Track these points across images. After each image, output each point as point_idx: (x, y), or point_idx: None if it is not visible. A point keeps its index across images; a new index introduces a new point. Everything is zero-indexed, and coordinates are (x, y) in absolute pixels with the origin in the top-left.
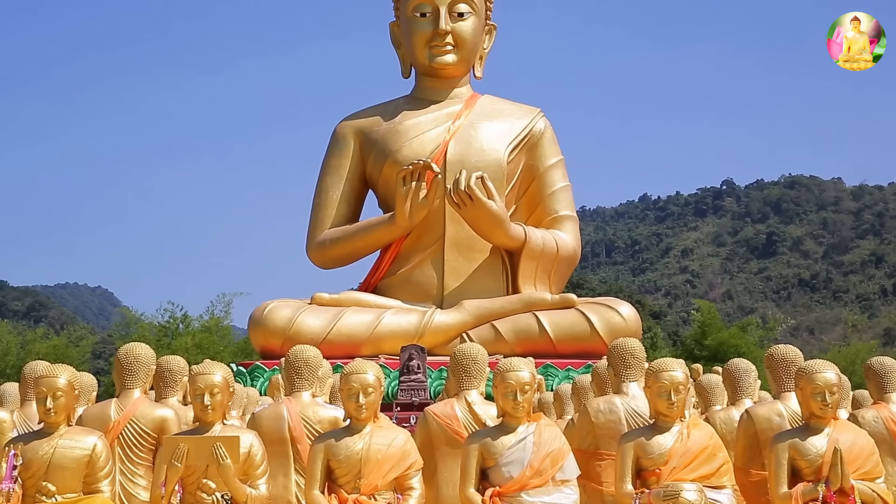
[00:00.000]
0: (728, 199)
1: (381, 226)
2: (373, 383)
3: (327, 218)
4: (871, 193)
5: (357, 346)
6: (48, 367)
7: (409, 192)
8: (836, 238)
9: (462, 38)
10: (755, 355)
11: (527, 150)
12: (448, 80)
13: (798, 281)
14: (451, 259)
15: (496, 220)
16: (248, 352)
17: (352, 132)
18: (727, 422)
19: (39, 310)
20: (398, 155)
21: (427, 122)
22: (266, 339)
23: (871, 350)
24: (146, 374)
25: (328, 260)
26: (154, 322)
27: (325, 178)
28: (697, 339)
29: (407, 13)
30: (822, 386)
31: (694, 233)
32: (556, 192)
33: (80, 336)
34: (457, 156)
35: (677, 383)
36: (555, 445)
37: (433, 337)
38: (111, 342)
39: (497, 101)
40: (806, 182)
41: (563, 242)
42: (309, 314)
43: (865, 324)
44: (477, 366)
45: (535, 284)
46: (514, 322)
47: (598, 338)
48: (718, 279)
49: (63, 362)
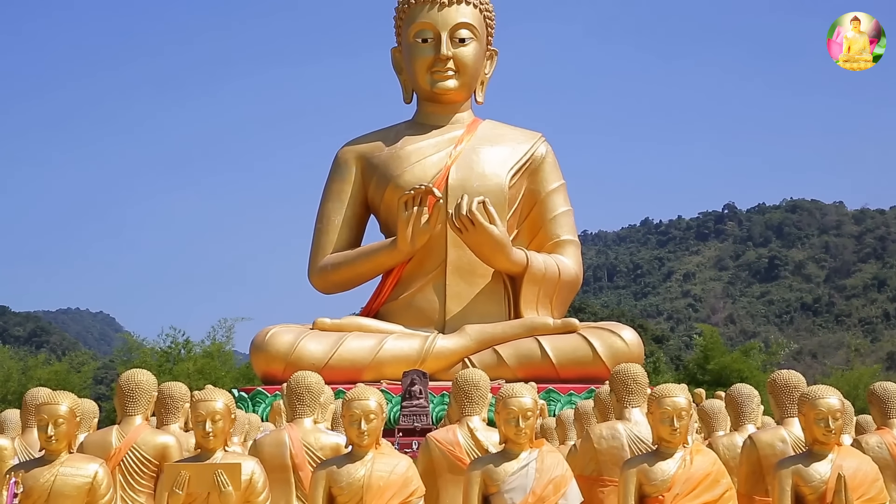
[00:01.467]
0: (730, 222)
1: (382, 251)
2: (374, 410)
3: (329, 243)
4: (873, 217)
5: (359, 371)
6: (49, 394)
7: (410, 216)
8: (839, 262)
9: (463, 63)
10: (758, 380)
11: (528, 175)
12: (449, 105)
13: (800, 305)
14: (452, 284)
15: (498, 245)
16: (250, 377)
17: (353, 157)
18: (730, 447)
19: (41, 335)
20: (400, 180)
21: (429, 147)
22: (268, 365)
23: (874, 374)
24: (148, 400)
25: (330, 285)
26: (156, 347)
27: (326, 203)
28: (700, 364)
29: (408, 39)
30: (825, 412)
31: (696, 257)
32: (557, 217)
33: (82, 362)
34: (458, 181)
35: (680, 409)
36: (557, 472)
37: (435, 362)
38: (113, 368)
39: (498, 126)
40: (808, 206)
41: (564, 267)
42: (311, 339)
43: (868, 348)
44: (479, 392)
45: (538, 309)
46: (516, 347)
47: (601, 363)
48: (721, 303)
49: (64, 388)
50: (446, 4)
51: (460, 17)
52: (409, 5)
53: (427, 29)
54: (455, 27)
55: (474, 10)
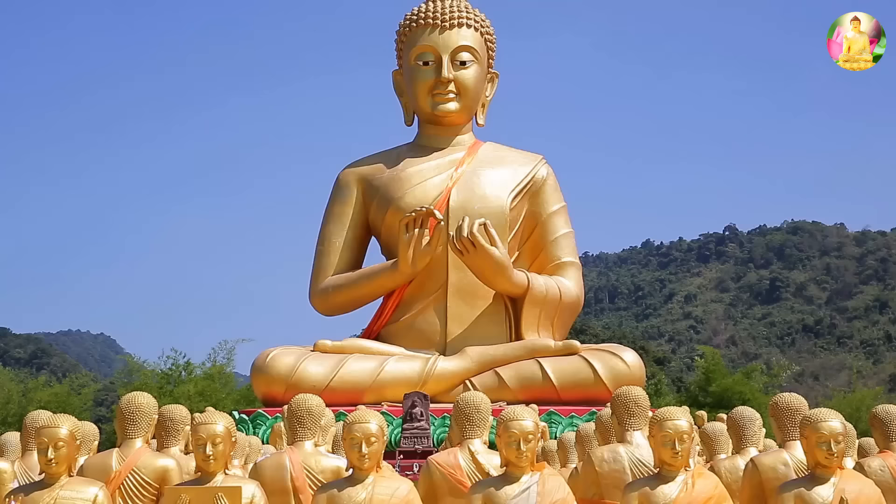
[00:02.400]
0: (731, 244)
1: (384, 273)
2: (375, 433)
3: (330, 265)
4: (875, 239)
5: (360, 393)
6: (50, 417)
7: (411, 238)
8: (840, 284)
9: (464, 86)
10: (760, 402)
11: (529, 197)
12: (450, 127)
13: (802, 327)
14: (453, 306)
15: (499, 267)
16: (251, 399)
17: (355, 179)
18: (732, 471)
19: (42, 357)
20: (401, 202)
21: (430, 169)
22: (268, 387)
23: (876, 396)
24: (148, 423)
25: (331, 307)
26: (156, 369)
27: (328, 225)
28: (702, 386)
29: (410, 61)
30: (827, 435)
31: (697, 278)
32: (558, 239)
33: (82, 384)
34: (459, 203)
35: (681, 432)
36: (559, 495)
37: (436, 384)
38: (113, 389)
39: (499, 149)
40: (809, 227)
41: (565, 289)
42: (311, 361)
43: (870, 370)
44: (480, 414)
45: (539, 331)
46: (517, 369)
47: (602, 385)
48: (722, 325)
49: (65, 410)
50: (447, 28)
51: (461, 40)
52: (410, 28)
53: (428, 52)
54: (456, 50)
55: (475, 33)
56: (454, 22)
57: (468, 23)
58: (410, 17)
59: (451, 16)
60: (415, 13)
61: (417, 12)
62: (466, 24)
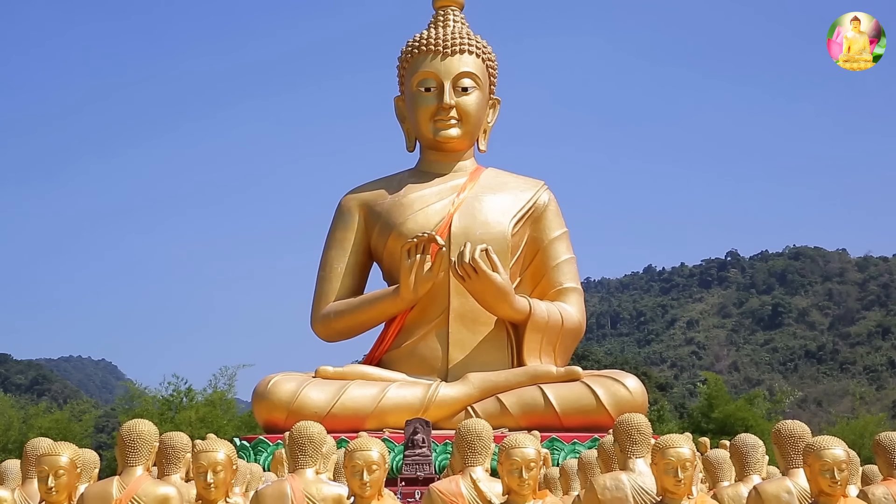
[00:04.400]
0: (733, 270)
1: (385, 298)
2: (377, 460)
3: (332, 291)
4: (877, 264)
5: (361, 419)
6: (50, 445)
7: (413, 264)
8: (842, 309)
9: (466, 112)
10: (763, 428)
11: (531, 223)
12: (452, 153)
13: (805, 352)
14: (455, 332)
15: (501, 293)
16: (252, 425)
17: (357, 205)
18: (735, 498)
19: (43, 383)
20: (403, 228)
21: (432, 194)
22: (270, 413)
23: (879, 423)
24: (149, 451)
25: (333, 333)
26: (158, 395)
27: (329, 250)
28: (704, 412)
29: (412, 88)
30: (830, 463)
31: (699, 304)
32: (560, 265)
33: (83, 410)
34: (461, 228)
35: (684, 460)
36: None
37: (438, 410)
38: (114, 416)
39: (501, 174)
40: (810, 253)
41: (567, 315)
42: (313, 388)
43: (873, 396)
44: (482, 442)
45: (541, 357)
46: (519, 395)
47: (605, 411)
48: (724, 351)
49: (65, 437)
50: (449, 54)
51: (463, 66)
52: (412, 55)
53: (430, 78)
54: (458, 76)
55: (477, 59)
56: (456, 48)
57: (470, 49)
58: (412, 43)
59: (452, 42)
60: (417, 39)
61: (419, 39)
62: (468, 50)
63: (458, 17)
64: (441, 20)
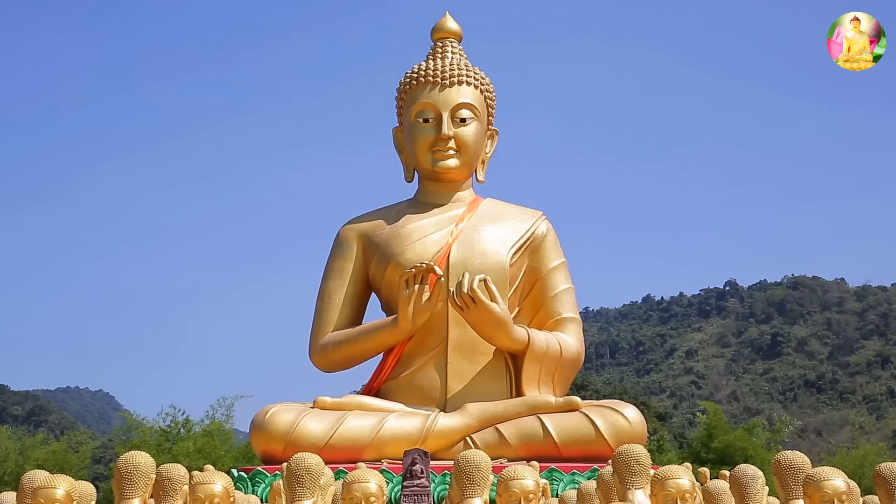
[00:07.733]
0: (731, 299)
1: (383, 329)
2: (375, 492)
3: (330, 321)
4: (875, 294)
5: (360, 450)
6: (46, 477)
7: (411, 294)
8: (842, 339)
9: (464, 142)
10: (762, 458)
11: (529, 253)
12: (450, 183)
13: (804, 382)
14: (454, 362)
15: (499, 323)
16: (250, 456)
17: (355, 235)
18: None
19: (40, 414)
20: (401, 258)
21: (430, 225)
22: (267, 444)
23: (879, 452)
24: (146, 483)
25: (331, 363)
26: (155, 426)
27: (327, 281)
28: (704, 442)
29: (410, 119)
30: (830, 494)
31: (698, 333)
32: (558, 295)
33: (80, 441)
34: (459, 258)
35: (683, 491)
36: None
37: (436, 441)
38: (111, 447)
39: (499, 205)
40: (809, 283)
41: (566, 344)
42: (311, 418)
43: (873, 425)
44: (480, 473)
45: (539, 387)
46: (517, 425)
47: (604, 441)
48: (724, 380)
49: (62, 468)
50: (447, 85)
51: (461, 97)
52: (410, 86)
53: (428, 109)
54: (456, 107)
55: (475, 90)
56: (454, 80)
57: (468, 80)
58: (411, 74)
59: (451, 73)
60: (415, 71)
61: (418, 70)
62: (466, 81)
63: (456, 48)
64: (439, 52)
